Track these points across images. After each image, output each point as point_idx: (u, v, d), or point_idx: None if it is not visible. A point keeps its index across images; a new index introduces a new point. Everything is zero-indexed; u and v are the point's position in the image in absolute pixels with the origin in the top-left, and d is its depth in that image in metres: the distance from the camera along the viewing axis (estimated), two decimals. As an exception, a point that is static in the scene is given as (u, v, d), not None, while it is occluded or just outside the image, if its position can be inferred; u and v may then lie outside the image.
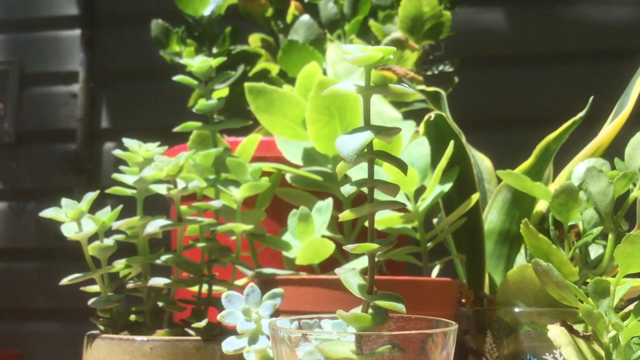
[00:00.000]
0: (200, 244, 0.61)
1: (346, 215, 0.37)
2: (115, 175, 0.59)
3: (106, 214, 0.57)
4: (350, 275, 0.38)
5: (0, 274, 1.66)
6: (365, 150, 0.35)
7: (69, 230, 0.56)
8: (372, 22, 0.89)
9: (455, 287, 0.64)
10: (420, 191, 0.66)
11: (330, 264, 0.63)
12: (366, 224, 0.38)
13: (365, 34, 0.91)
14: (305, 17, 0.90)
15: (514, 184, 0.64)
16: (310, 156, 0.71)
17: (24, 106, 1.68)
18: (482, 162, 0.74)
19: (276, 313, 0.53)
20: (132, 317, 0.60)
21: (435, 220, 0.73)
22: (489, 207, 0.69)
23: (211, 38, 0.94)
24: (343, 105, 0.67)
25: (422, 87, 0.74)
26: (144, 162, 0.58)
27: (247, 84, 0.72)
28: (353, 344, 0.36)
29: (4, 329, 1.62)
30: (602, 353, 0.49)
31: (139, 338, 0.55)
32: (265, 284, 0.58)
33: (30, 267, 1.65)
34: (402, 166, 0.36)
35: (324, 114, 0.67)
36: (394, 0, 0.91)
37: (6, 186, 1.68)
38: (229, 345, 0.51)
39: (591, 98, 0.66)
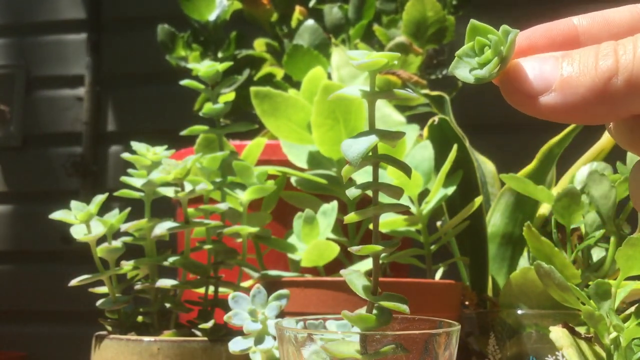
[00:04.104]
0: (207, 246, 0.61)
1: (351, 217, 0.37)
2: (124, 178, 0.59)
3: (114, 216, 0.58)
4: (355, 276, 0.38)
5: (5, 277, 1.67)
6: (370, 153, 0.36)
7: (78, 232, 0.57)
8: (376, 27, 0.89)
9: (458, 290, 0.65)
10: (424, 194, 0.66)
11: (335, 266, 0.63)
12: (370, 226, 0.38)
13: (370, 39, 0.92)
14: (310, 22, 0.91)
15: (517, 187, 0.64)
16: (315, 159, 0.72)
17: (30, 109, 1.69)
18: (485, 165, 0.75)
19: (282, 314, 0.54)
20: (140, 318, 0.61)
21: (438, 223, 0.73)
22: (492, 210, 0.70)
23: (217, 43, 0.95)
24: (348, 109, 0.68)
25: (426, 91, 0.74)
26: (151, 165, 0.59)
27: (252, 88, 0.72)
28: (358, 344, 0.37)
29: (9, 331, 1.63)
30: (604, 354, 0.49)
31: (146, 339, 0.56)
32: (271, 285, 0.59)
33: (36, 269, 1.65)
34: (406, 169, 0.37)
35: (328, 118, 0.68)
36: (398, 5, 0.92)
37: (12, 189, 1.69)
38: (235, 345, 0.52)
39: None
